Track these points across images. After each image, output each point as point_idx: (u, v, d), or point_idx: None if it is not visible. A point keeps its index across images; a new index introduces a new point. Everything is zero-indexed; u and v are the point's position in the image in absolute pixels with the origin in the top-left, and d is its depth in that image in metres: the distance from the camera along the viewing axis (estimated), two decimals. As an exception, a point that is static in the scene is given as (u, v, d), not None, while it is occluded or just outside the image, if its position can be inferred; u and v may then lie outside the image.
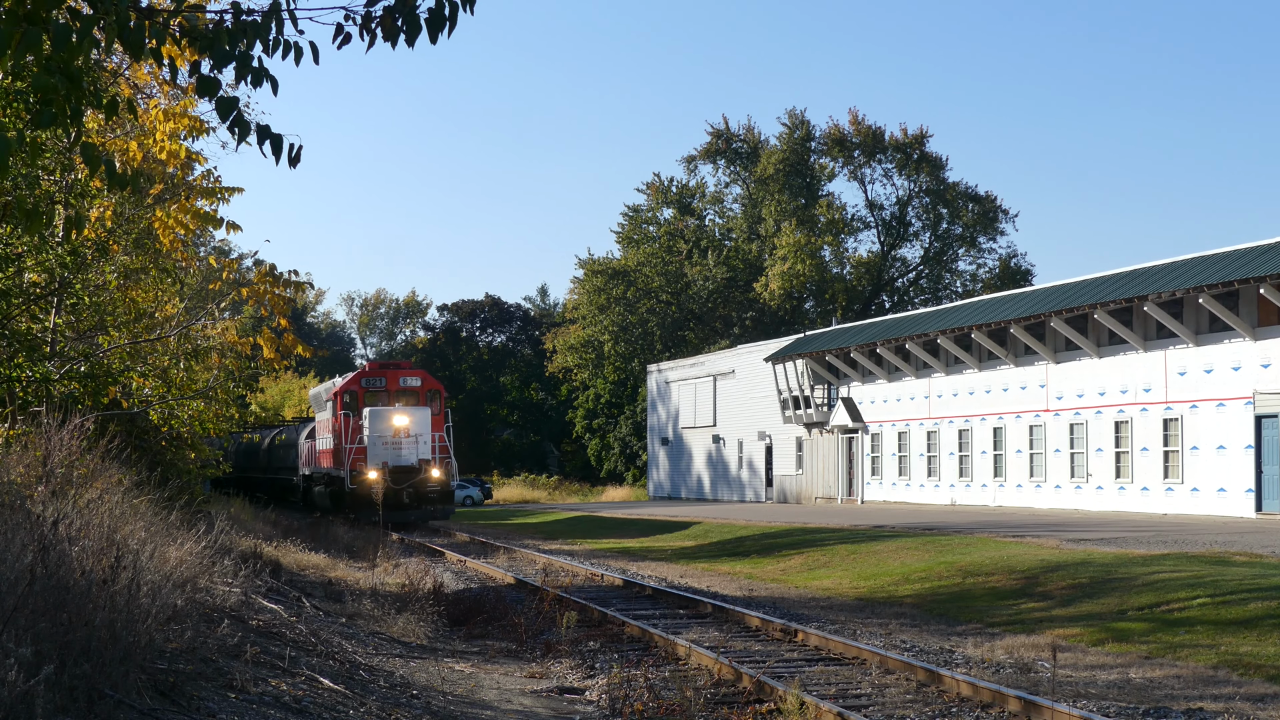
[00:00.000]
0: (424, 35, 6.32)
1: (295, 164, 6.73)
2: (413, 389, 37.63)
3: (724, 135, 75.43)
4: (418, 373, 38.50)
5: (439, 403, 37.74)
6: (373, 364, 39.43)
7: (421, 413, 36.00)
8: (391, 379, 37.76)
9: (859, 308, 72.46)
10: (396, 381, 37.64)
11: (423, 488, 35.59)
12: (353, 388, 37.47)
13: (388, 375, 37.96)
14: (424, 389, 37.81)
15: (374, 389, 37.41)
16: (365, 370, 38.60)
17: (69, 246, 13.71)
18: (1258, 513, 31.09)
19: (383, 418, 35.42)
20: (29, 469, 10.59)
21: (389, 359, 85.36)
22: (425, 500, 35.84)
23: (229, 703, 8.41)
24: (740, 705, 10.50)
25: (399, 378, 37.81)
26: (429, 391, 37.89)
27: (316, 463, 41.07)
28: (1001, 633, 14.81)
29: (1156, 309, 33.30)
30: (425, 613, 15.83)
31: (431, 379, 38.70)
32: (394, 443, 35.29)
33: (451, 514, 38.16)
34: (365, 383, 37.61)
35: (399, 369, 38.79)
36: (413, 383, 37.75)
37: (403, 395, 37.32)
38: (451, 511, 37.60)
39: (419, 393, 37.68)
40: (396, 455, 35.29)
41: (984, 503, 41.12)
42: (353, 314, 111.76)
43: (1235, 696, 10.76)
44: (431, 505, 36.12)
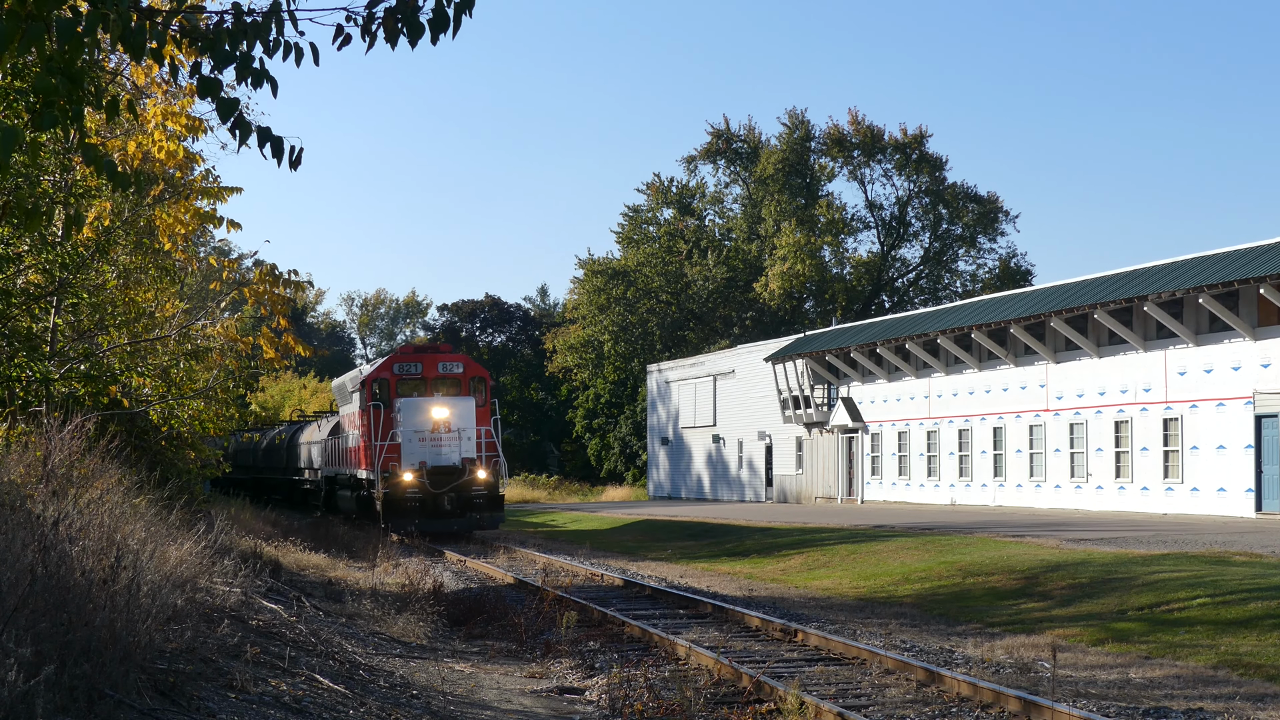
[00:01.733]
0: (424, 36, 6.33)
1: (296, 166, 6.73)
2: (454, 376, 31.97)
3: (724, 135, 75.45)
4: (459, 357, 32.84)
5: (484, 392, 31.96)
6: (406, 347, 33.55)
7: (464, 404, 30.59)
8: (429, 364, 31.96)
9: (859, 308, 72.47)
10: (435, 367, 31.93)
11: (467, 491, 30.26)
12: (383, 375, 31.75)
13: (424, 360, 32.08)
14: (467, 376, 32.09)
15: (408, 376, 31.73)
16: (398, 354, 32.78)
17: (68, 246, 13.72)
18: (1258, 512, 31.10)
19: (419, 410, 30.14)
20: (29, 469, 10.60)
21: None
22: (470, 506, 30.36)
23: (229, 703, 8.41)
24: (740, 705, 10.50)
25: (437, 363, 32.05)
26: (473, 379, 32.13)
27: (341, 462, 36.12)
28: (1001, 633, 14.81)
29: (1156, 309, 33.31)
30: (425, 613, 15.83)
31: (475, 364, 33.05)
32: (433, 439, 30.06)
33: (500, 523, 31.92)
34: (398, 369, 31.81)
35: (437, 352, 32.99)
36: (454, 369, 32.06)
37: (442, 383, 31.79)
38: (500, 520, 31.54)
39: (461, 380, 31.99)
40: (436, 454, 30.11)
41: (984, 503, 41.13)
42: (353, 314, 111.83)
43: (1235, 696, 10.76)
44: (477, 513, 30.46)
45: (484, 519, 30.65)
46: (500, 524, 31.89)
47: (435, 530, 29.98)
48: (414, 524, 29.29)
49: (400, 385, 31.58)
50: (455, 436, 30.21)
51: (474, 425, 30.51)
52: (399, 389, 31.46)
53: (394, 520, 29.94)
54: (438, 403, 30.35)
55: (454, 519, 30.30)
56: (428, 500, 29.72)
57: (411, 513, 29.55)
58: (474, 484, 30.33)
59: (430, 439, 30.09)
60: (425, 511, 29.68)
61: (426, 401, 30.41)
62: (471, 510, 30.38)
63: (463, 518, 30.37)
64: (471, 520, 30.49)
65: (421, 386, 31.62)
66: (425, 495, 29.67)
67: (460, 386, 31.89)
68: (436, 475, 30.02)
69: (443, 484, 30.08)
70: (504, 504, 31.56)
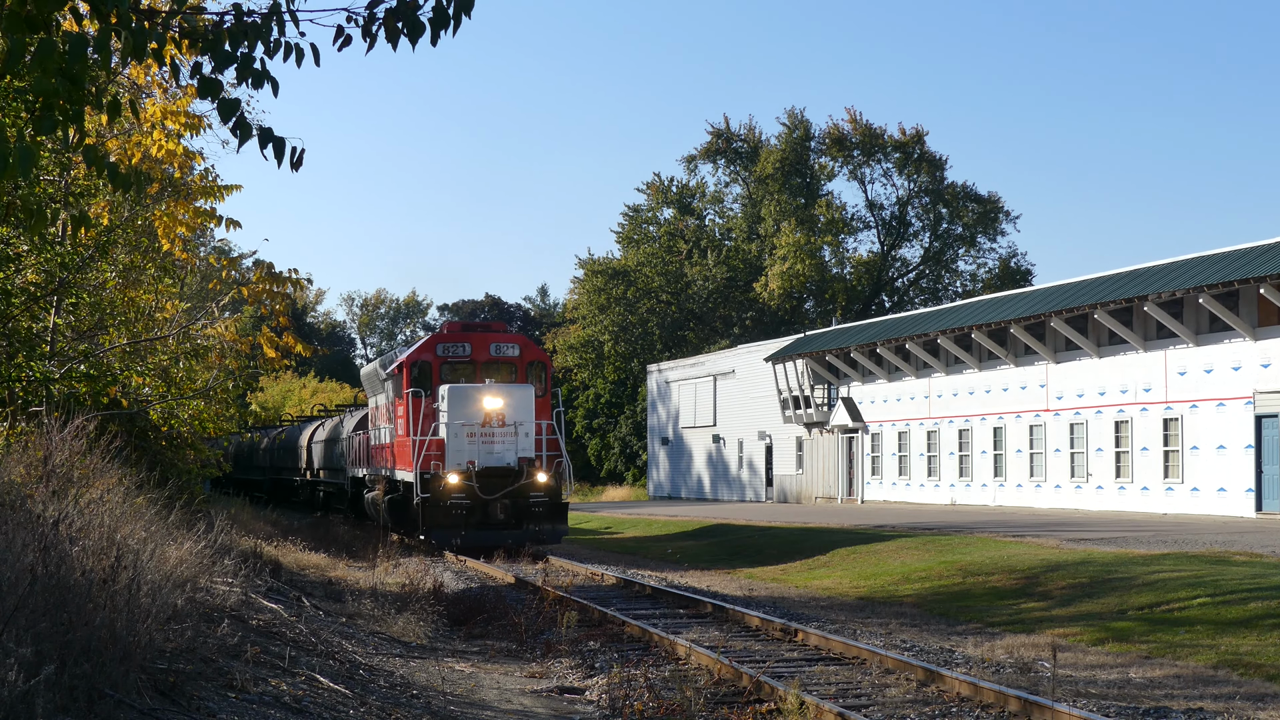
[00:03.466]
0: (424, 36, 6.33)
1: (297, 167, 6.73)
2: (508, 360, 27.08)
3: (724, 135, 75.48)
4: (515, 337, 27.77)
5: (544, 379, 27.15)
6: (452, 325, 28.39)
7: (521, 392, 25.59)
8: (478, 345, 27.09)
9: (859, 308, 72.48)
10: (486, 349, 27.03)
11: (524, 498, 25.24)
12: (424, 357, 26.85)
13: (473, 340, 27.17)
14: (524, 360, 27.20)
15: (454, 359, 26.91)
16: (442, 333, 27.69)
17: (69, 245, 13.73)
18: (1258, 512, 31.10)
19: (468, 399, 25.20)
20: (30, 469, 10.61)
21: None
22: (527, 516, 25.30)
23: (229, 702, 8.41)
24: (740, 705, 10.50)
25: (489, 343, 27.11)
26: (531, 364, 27.29)
27: (370, 461, 31.38)
28: (1001, 632, 14.81)
29: (1156, 309, 33.31)
30: (425, 612, 15.83)
31: (534, 346, 28.02)
32: (484, 434, 25.17)
33: (564, 536, 26.61)
34: (442, 350, 26.93)
35: (489, 331, 28.27)
36: (508, 351, 27.13)
37: (494, 368, 26.98)
38: (563, 533, 26.21)
39: (517, 365, 27.13)
40: (488, 451, 25.18)
41: (984, 502, 41.13)
42: (353, 314, 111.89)
43: (1235, 696, 10.76)
44: (535, 524, 25.36)
45: (543, 531, 25.43)
46: (563, 538, 26.48)
47: (485, 544, 25.20)
48: (459, 536, 24.92)
49: (444, 370, 26.74)
50: (510, 431, 25.24)
51: (533, 418, 25.50)
52: (443, 374, 26.65)
53: (435, 531, 25.17)
54: (490, 391, 25.26)
55: (507, 531, 25.30)
56: (476, 508, 24.98)
57: (456, 522, 24.87)
58: (533, 489, 25.27)
59: (481, 434, 25.24)
60: (473, 521, 24.98)
61: (476, 389, 25.33)
62: (529, 521, 25.27)
63: (518, 529, 25.31)
64: (528, 533, 25.40)
65: (470, 371, 26.82)
66: (474, 501, 24.93)
67: (516, 372, 27.04)
68: (488, 478, 25.06)
69: (495, 488, 25.10)
70: (568, 514, 26.34)
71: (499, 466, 25.21)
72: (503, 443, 25.26)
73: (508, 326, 30.59)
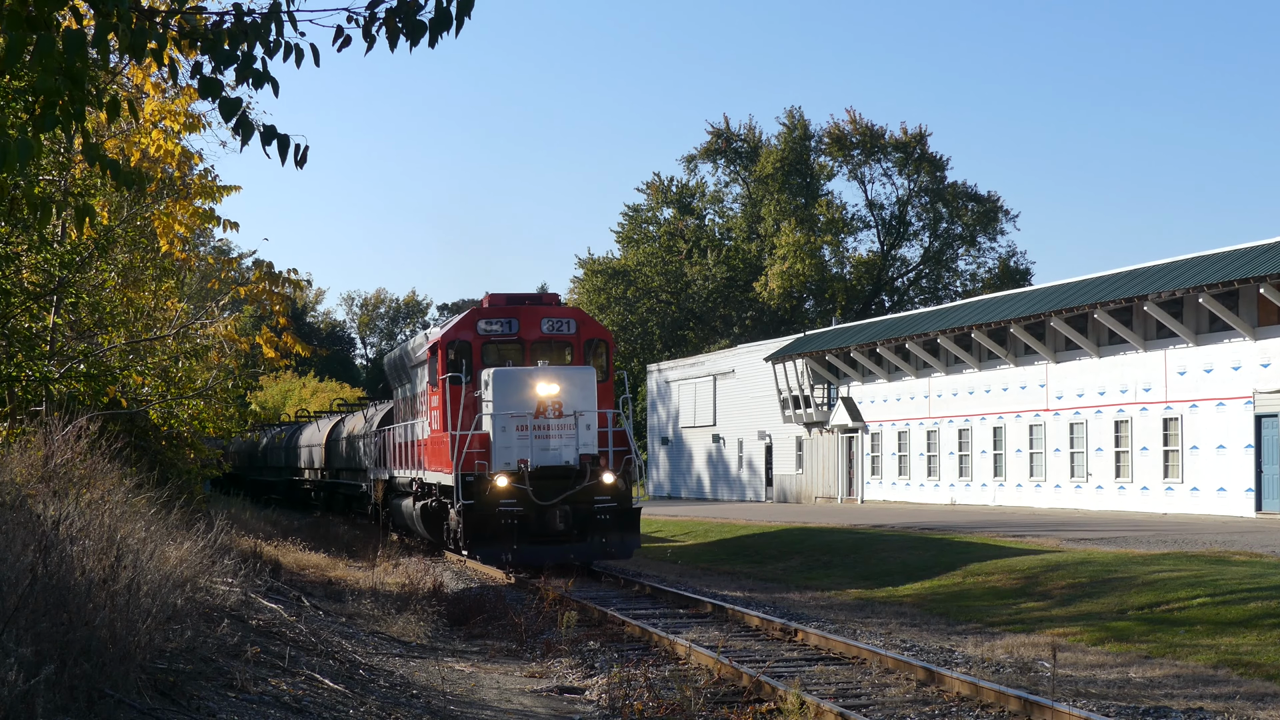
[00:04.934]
0: (424, 37, 6.33)
1: (302, 164, 6.74)
2: (563, 338, 22.95)
3: (724, 135, 75.53)
4: (570, 311, 23.44)
5: (606, 360, 23.11)
6: (495, 297, 23.33)
7: (581, 376, 21.30)
8: (527, 320, 22.69)
9: (859, 307, 72.50)
10: (536, 324, 22.72)
11: (587, 504, 20.97)
12: (463, 336, 22.55)
13: (521, 315, 22.72)
14: (581, 337, 22.99)
15: (499, 338, 22.67)
16: (484, 308, 23.07)
17: (68, 244, 13.74)
18: (1257, 512, 31.10)
19: (517, 385, 20.94)
20: (30, 469, 10.61)
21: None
22: (592, 526, 21.01)
23: (229, 702, 8.42)
24: (740, 705, 10.51)
25: (540, 319, 22.78)
26: (590, 342, 23.05)
27: (398, 461, 27.19)
28: (1001, 632, 14.81)
29: (1156, 309, 33.32)
30: (425, 612, 15.84)
31: (593, 322, 23.75)
32: (537, 427, 20.93)
33: (635, 549, 21.84)
34: (485, 327, 22.59)
35: (540, 304, 23.44)
36: (564, 327, 22.94)
37: (547, 348, 22.82)
38: (635, 545, 21.62)
39: (573, 343, 22.97)
40: (542, 448, 20.96)
41: (984, 502, 41.14)
42: (353, 314, 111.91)
43: (1235, 696, 10.76)
44: (603, 535, 21.04)
45: (611, 544, 21.08)
46: (634, 551, 21.82)
47: (542, 561, 20.94)
48: (510, 551, 20.64)
49: (487, 350, 22.53)
50: (569, 423, 20.93)
51: (595, 407, 21.22)
52: (485, 356, 22.43)
53: (480, 545, 20.94)
54: (544, 375, 21.03)
55: (569, 544, 21.00)
56: (531, 516, 20.69)
57: (506, 534, 20.56)
58: (598, 492, 20.94)
59: (534, 427, 20.86)
60: (527, 532, 20.72)
61: (527, 373, 21.12)
62: (594, 531, 20.96)
63: (582, 542, 21.02)
64: (594, 546, 21.06)
65: (517, 352, 22.62)
66: (527, 509, 20.65)
67: (573, 352, 22.90)
68: (544, 480, 20.77)
69: (553, 492, 20.77)
70: (639, 521, 21.72)
71: (557, 466, 20.87)
72: (560, 437, 20.99)
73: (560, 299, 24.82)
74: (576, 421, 20.99)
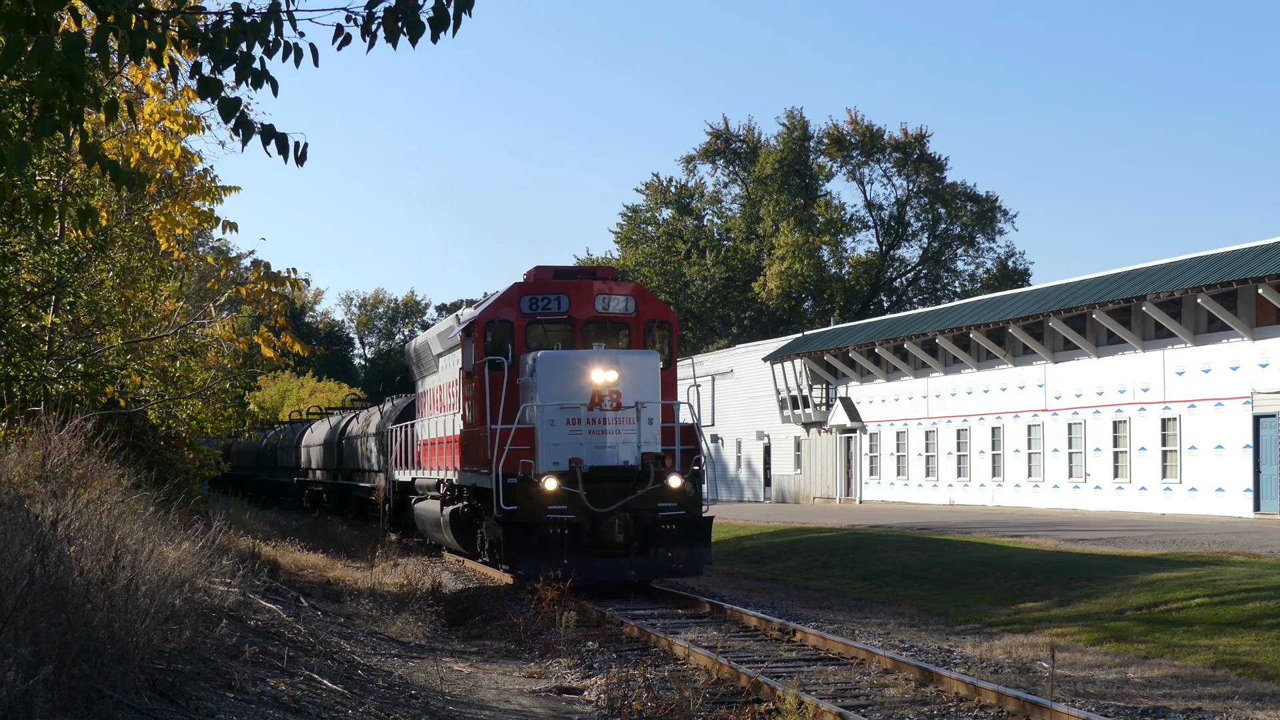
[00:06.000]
0: (424, 35, 6.34)
1: (302, 162, 6.77)
2: (619, 317, 19.84)
3: (723, 135, 75.58)
4: (628, 287, 20.25)
5: (670, 345, 20.06)
6: (542, 270, 20.30)
7: (642, 362, 18.49)
8: (579, 297, 19.67)
9: (857, 307, 72.54)
10: (589, 301, 19.69)
11: (650, 511, 18.09)
12: (504, 315, 19.54)
13: (570, 291, 19.70)
14: (641, 317, 19.88)
15: (546, 317, 19.60)
16: (528, 282, 20.00)
17: (66, 244, 13.75)
18: (1256, 512, 31.13)
19: (568, 371, 18.10)
20: (28, 469, 10.61)
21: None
22: (656, 537, 18.13)
23: (227, 702, 8.41)
24: (739, 705, 10.51)
25: (593, 295, 19.73)
26: (651, 323, 19.99)
27: (421, 460, 24.62)
28: (1000, 632, 14.82)
29: (1155, 309, 33.34)
30: (424, 613, 15.84)
31: (654, 299, 20.79)
32: (592, 420, 18.06)
33: (707, 563, 18.93)
34: (528, 305, 19.57)
35: (592, 278, 20.34)
36: (617, 305, 19.80)
37: (601, 329, 19.84)
38: (706, 560, 18.71)
39: (631, 324, 19.87)
40: (598, 445, 18.07)
41: (982, 502, 41.16)
42: (351, 314, 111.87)
43: (1234, 696, 10.77)
44: (667, 547, 18.14)
45: (678, 559, 18.19)
46: (705, 567, 18.98)
47: (598, 578, 17.94)
48: (560, 566, 17.46)
49: (532, 332, 19.56)
50: (629, 416, 18.05)
51: (659, 397, 18.47)
52: (529, 338, 19.49)
53: (524, 558, 17.86)
54: (600, 359, 18.19)
55: (629, 559, 18.06)
56: (584, 526, 17.82)
57: (554, 546, 17.67)
58: (663, 498, 18.12)
59: (589, 421, 18.03)
60: (580, 544, 17.82)
61: (580, 358, 18.26)
62: (659, 543, 18.10)
63: (644, 556, 18.11)
64: (658, 561, 18.18)
65: (567, 334, 19.61)
66: (580, 517, 17.78)
67: (631, 334, 19.83)
68: (600, 483, 17.90)
69: (610, 498, 17.88)
70: (710, 531, 18.68)
71: (615, 466, 17.97)
72: (619, 432, 18.05)
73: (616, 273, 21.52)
74: (638, 414, 18.02)
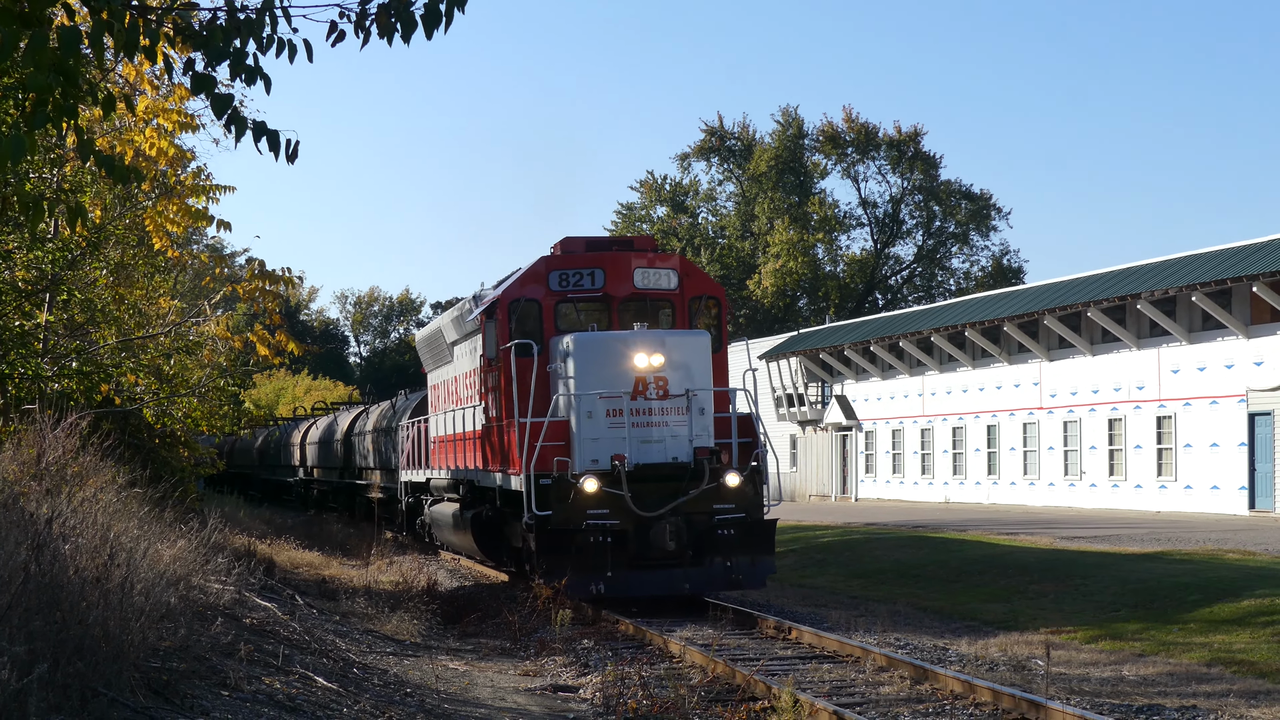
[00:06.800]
0: (418, 31, 6.35)
1: (293, 160, 6.78)
2: (662, 294, 17.50)
3: (718, 133, 75.59)
4: (669, 258, 17.83)
5: (719, 325, 17.73)
6: (571, 241, 17.84)
7: (692, 344, 16.39)
8: (615, 271, 17.32)
9: (852, 305, 72.60)
10: (627, 276, 17.33)
11: (705, 514, 15.89)
12: (530, 293, 17.25)
13: (606, 264, 17.34)
14: (686, 294, 17.57)
15: (578, 294, 17.33)
16: (556, 255, 17.64)
17: (60, 242, 13.73)
18: (1251, 510, 31.19)
19: (608, 355, 15.99)
20: (23, 467, 10.60)
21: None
22: (712, 545, 15.89)
23: (223, 701, 8.41)
24: (734, 703, 10.51)
25: (631, 268, 17.36)
26: (697, 300, 17.62)
27: (440, 459, 22.27)
28: (995, 630, 14.84)
29: (1149, 307, 33.40)
30: (419, 611, 15.83)
31: (701, 274, 18.36)
32: (636, 411, 15.88)
33: (771, 573, 16.67)
34: (558, 281, 17.28)
35: (630, 248, 17.98)
36: (661, 280, 17.47)
37: (641, 308, 17.32)
38: (769, 571, 16.48)
39: (676, 302, 17.57)
40: (643, 440, 15.88)
41: (978, 500, 41.22)
42: (346, 312, 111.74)
43: (1229, 693, 10.79)
44: (726, 555, 15.88)
45: (738, 569, 15.92)
46: (768, 577, 16.61)
47: (648, 592, 15.92)
48: (603, 578, 15.50)
49: (563, 312, 17.38)
50: (680, 406, 15.97)
51: (711, 384, 16.36)
52: (560, 318, 17.33)
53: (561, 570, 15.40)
54: (644, 341, 15.98)
55: (682, 570, 15.88)
56: (629, 533, 15.65)
57: (596, 556, 15.50)
58: (720, 499, 15.90)
59: (631, 412, 15.80)
60: (625, 553, 15.66)
61: (621, 340, 16.09)
62: (714, 551, 15.84)
63: (700, 567, 15.89)
64: (716, 572, 15.90)
65: (602, 313, 17.24)
66: (625, 522, 15.62)
67: (675, 312, 17.56)
68: (647, 484, 15.70)
69: (659, 500, 15.72)
70: (774, 536, 16.44)
71: (664, 464, 15.84)
72: (667, 424, 15.95)
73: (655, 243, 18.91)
74: (689, 404, 15.95)
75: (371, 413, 33.42)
